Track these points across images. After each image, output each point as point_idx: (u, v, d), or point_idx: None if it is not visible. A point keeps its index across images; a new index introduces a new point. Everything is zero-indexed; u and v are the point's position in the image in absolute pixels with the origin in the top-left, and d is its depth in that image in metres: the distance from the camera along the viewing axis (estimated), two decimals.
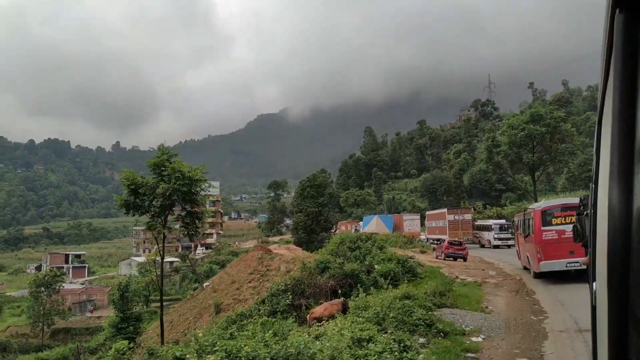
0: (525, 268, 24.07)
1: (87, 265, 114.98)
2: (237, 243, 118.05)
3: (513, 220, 30.88)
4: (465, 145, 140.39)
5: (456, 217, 53.88)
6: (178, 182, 19.05)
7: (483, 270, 27.40)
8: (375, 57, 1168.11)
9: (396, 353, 9.22)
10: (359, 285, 20.33)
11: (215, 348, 9.22)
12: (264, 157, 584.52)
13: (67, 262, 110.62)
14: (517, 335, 11.91)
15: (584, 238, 7.24)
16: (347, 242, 25.66)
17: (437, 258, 34.91)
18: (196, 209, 20.79)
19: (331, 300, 19.60)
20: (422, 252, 39.42)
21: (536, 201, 36.74)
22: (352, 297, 18.79)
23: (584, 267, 10.45)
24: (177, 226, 21.85)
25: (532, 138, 52.78)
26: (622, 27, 1.43)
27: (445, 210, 58.12)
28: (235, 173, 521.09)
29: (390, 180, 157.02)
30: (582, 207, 7.92)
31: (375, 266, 22.89)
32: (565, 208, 18.94)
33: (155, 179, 19.57)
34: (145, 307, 49.60)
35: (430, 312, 12.26)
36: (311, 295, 19.27)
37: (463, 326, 12.28)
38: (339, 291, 20.63)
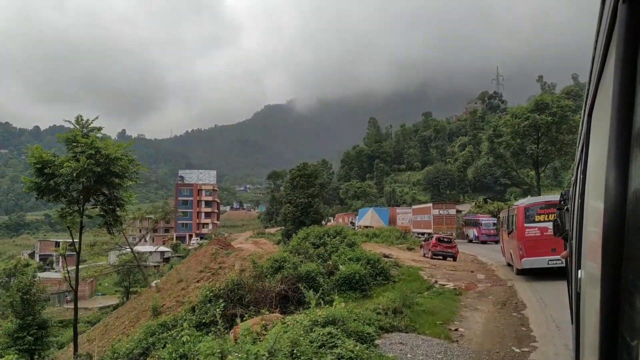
0: (509, 264, 23.77)
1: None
2: (227, 234, 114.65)
3: (498, 217, 31.07)
4: (471, 138, 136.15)
5: (441, 212, 54.75)
6: (89, 161, 15.51)
7: (472, 272, 23.77)
8: (384, 47, 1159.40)
9: None
10: (310, 291, 16.84)
11: None
12: (270, 148, 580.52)
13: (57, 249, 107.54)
14: None
15: (564, 232, 7.33)
16: (311, 237, 22.05)
17: (424, 256, 31.27)
18: (116, 194, 17.19)
19: (275, 309, 16.11)
20: (409, 249, 35.73)
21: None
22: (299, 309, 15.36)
23: (563, 261, 9.64)
24: (95, 214, 18.22)
25: (537, 128, 48.66)
26: (625, 18, 1.37)
27: (430, 204, 59.32)
28: (241, 163, 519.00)
29: (393, 172, 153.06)
30: (562, 202, 7.95)
31: (340, 267, 19.35)
32: (549, 205, 18.41)
33: (65, 158, 16.08)
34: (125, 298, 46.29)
35: (364, 345, 8.63)
36: (252, 302, 15.70)
37: None
38: (290, 297, 17.16)
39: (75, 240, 19.23)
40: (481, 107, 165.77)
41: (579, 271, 3.27)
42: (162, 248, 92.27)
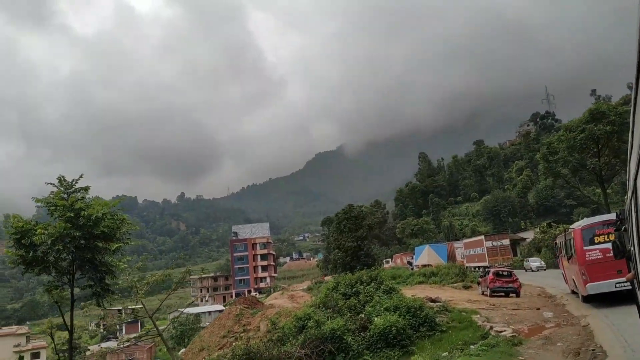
0: (573, 292, 22.40)
1: (140, 320, 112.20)
2: (285, 286, 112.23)
3: (555, 243, 29.02)
4: (527, 161, 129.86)
5: (494, 244, 53.36)
6: (66, 225, 13.65)
7: (538, 309, 20.22)
8: (426, 84, 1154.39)
9: None
10: (340, 356, 14.08)
11: None
12: (324, 195, 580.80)
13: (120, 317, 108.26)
14: None
15: (625, 254, 6.88)
16: (342, 286, 19.27)
17: (482, 294, 27.67)
18: (102, 260, 15.10)
19: None
20: (466, 287, 32.03)
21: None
22: None
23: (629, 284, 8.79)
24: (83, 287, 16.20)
25: (596, 140, 44.30)
26: None
27: (482, 237, 57.86)
28: (298, 213, 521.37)
29: (449, 206, 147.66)
30: (619, 222, 7.53)
31: (375, 319, 16.47)
32: (608, 224, 17.14)
33: (43, 225, 14.26)
34: None
35: None
36: None
37: None
38: None
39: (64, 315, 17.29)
40: (534, 129, 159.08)
41: None
42: (217, 307, 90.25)
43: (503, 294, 26.11)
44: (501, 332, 15.08)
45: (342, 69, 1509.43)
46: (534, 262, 49.15)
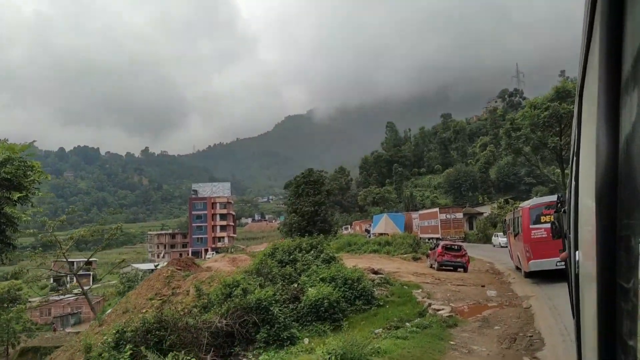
0: (517, 268, 22.96)
1: (91, 273, 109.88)
2: (244, 247, 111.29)
3: (505, 219, 29.66)
4: (492, 137, 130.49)
5: (448, 216, 54.03)
6: None
7: (483, 287, 19.51)
8: (400, 53, 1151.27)
9: None
10: (265, 328, 12.91)
11: None
12: (291, 159, 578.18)
13: (71, 269, 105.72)
14: None
15: (562, 235, 7.56)
16: (279, 252, 18.04)
17: (431, 267, 26.98)
18: (3, 211, 13.47)
19: (205, 353, 12.23)
20: (415, 258, 31.35)
21: None
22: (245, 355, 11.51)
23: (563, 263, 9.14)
24: None
25: (559, 118, 43.81)
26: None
27: (437, 209, 58.97)
28: (263, 174, 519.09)
29: (413, 177, 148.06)
30: (559, 205, 8.19)
31: (309, 289, 15.36)
32: (554, 206, 14.80)
33: None
34: None
35: None
36: (176, 345, 11.81)
37: None
38: (236, 334, 13.24)
39: None
40: (502, 106, 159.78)
41: (577, 252, 3.33)
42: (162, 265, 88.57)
43: (451, 268, 25.44)
44: (439, 310, 14.17)
45: (317, 31, 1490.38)
46: (503, 237, 49.15)
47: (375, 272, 19.40)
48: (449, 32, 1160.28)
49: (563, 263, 12.84)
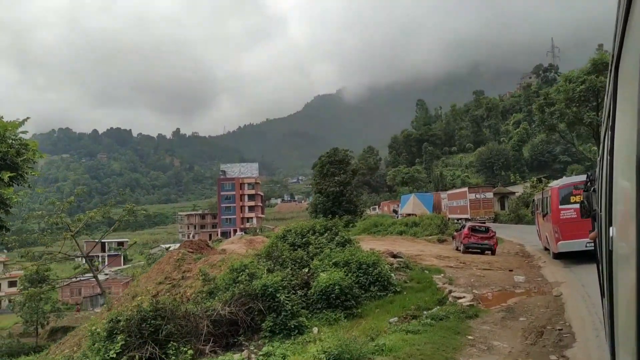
0: (545, 249, 22.59)
1: (122, 254, 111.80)
2: (272, 227, 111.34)
3: (533, 199, 28.72)
4: (525, 114, 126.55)
5: (477, 196, 52.31)
6: None
7: (510, 271, 18.27)
8: (432, 29, 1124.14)
9: None
10: (271, 317, 12.07)
11: None
12: (321, 138, 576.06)
13: (103, 250, 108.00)
14: None
15: (591, 214, 7.36)
16: (291, 235, 17.13)
17: (456, 249, 25.77)
18: None
19: (204, 344, 11.47)
20: (440, 241, 30.08)
21: None
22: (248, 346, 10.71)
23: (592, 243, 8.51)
24: None
25: (596, 92, 41.44)
26: None
27: (466, 189, 56.80)
28: (293, 155, 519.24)
29: (443, 156, 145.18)
30: (589, 183, 8.03)
31: (321, 274, 14.43)
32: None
33: None
34: None
35: None
36: (174, 336, 11.07)
37: None
38: (240, 323, 12.44)
39: None
40: (536, 82, 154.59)
41: (611, 229, 3.16)
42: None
43: (478, 250, 24.18)
44: (460, 298, 13.07)
45: (347, 6, 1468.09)
46: None
47: (395, 256, 18.35)
48: (481, 7, 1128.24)
49: (592, 244, 12.06)
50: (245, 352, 11.09)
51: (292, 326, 12.38)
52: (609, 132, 3.62)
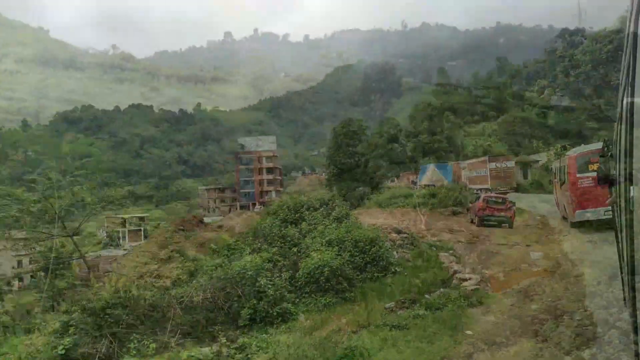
0: (563, 218, 21.65)
1: (142, 229, 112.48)
2: None
3: (550, 168, 28.63)
4: (551, 80, 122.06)
5: (498, 165, 50.81)
6: None
7: (527, 246, 16.63)
8: None
9: None
10: (251, 303, 10.75)
11: None
12: (342, 110, 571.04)
13: (124, 225, 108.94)
14: None
15: (607, 180, 7.38)
16: (283, 210, 15.71)
17: (471, 222, 24.10)
18: None
19: (171, 336, 10.21)
20: (455, 213, 28.36)
21: None
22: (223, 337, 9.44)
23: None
24: None
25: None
26: None
27: (485, 158, 55.18)
28: (313, 127, 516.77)
29: (465, 124, 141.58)
30: (605, 149, 7.88)
31: (312, 254, 13.02)
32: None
33: None
34: None
35: None
36: (134, 327, 9.82)
37: None
38: (218, 310, 11.16)
39: None
40: (562, 47, 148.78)
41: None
42: (214, 218, 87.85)
43: (495, 223, 22.46)
44: (465, 280, 11.54)
45: None
46: None
47: (399, 232, 16.84)
48: None
49: (610, 211, 10.86)
50: (216, 345, 9.78)
51: (275, 313, 11.07)
52: (629, 89, 3.37)
